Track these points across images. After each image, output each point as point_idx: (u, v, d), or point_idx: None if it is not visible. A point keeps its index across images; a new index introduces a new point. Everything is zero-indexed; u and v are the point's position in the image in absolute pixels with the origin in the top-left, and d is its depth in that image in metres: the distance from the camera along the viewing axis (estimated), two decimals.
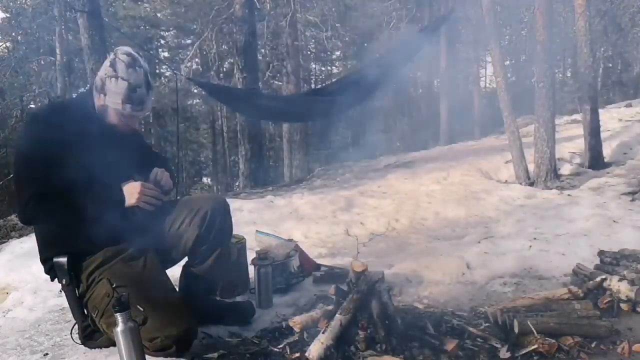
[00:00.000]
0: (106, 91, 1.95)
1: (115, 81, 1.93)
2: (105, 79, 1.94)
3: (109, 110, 1.99)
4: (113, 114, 2.00)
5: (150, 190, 1.96)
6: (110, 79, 1.93)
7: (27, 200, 1.82)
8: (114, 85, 1.93)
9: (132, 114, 2.00)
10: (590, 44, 7.12)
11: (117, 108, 1.96)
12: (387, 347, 1.89)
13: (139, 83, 1.97)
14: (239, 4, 9.91)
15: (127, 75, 1.94)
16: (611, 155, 7.55)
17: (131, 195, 1.92)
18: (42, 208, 1.83)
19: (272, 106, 6.02)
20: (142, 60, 2.01)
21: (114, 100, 1.95)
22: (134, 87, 1.95)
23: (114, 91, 1.94)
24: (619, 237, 3.32)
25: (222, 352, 2.00)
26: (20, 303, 3.01)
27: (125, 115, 2.00)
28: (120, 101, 1.95)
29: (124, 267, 1.98)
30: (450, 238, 4.40)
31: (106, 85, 1.94)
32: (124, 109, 1.96)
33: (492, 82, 24.49)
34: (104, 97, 1.96)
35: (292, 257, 2.86)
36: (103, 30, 7.33)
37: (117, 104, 1.95)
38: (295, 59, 14.01)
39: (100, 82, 1.96)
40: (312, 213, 5.45)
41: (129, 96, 1.95)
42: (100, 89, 1.96)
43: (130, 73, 1.94)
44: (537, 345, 1.89)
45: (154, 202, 1.97)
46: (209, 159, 27.70)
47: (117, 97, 1.94)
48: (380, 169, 9.08)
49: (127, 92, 1.94)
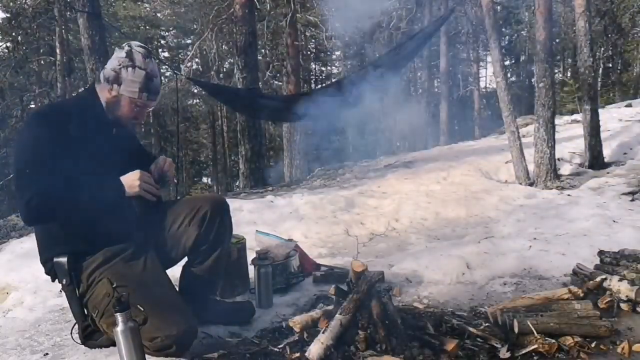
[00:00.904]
0: (122, 80, 1.96)
1: (133, 70, 1.96)
2: (121, 69, 1.96)
3: (121, 101, 2.00)
4: (126, 105, 2.01)
5: (148, 178, 1.97)
6: (127, 68, 1.96)
7: (29, 200, 1.81)
8: (131, 74, 1.96)
9: (146, 103, 2.03)
10: (590, 44, 7.12)
11: (134, 97, 1.98)
12: (387, 347, 1.89)
13: (155, 73, 2.02)
14: (239, 4, 9.91)
15: (144, 64, 1.98)
16: (611, 155, 7.55)
17: (132, 184, 1.93)
18: (44, 207, 1.83)
19: (272, 106, 6.03)
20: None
21: (130, 89, 1.97)
22: (151, 76, 1.99)
23: (131, 79, 1.96)
24: (619, 237, 3.32)
25: (222, 352, 2.00)
26: (20, 303, 3.01)
27: (139, 105, 2.02)
28: (138, 89, 1.97)
29: (124, 267, 1.99)
30: (450, 238, 4.40)
31: (121, 75, 1.96)
32: (141, 97, 1.99)
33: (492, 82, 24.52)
34: (117, 88, 1.97)
35: (292, 257, 2.86)
36: (103, 31, 7.32)
37: (133, 92, 1.97)
38: (295, 59, 14.01)
39: (114, 72, 1.97)
40: (312, 213, 5.45)
41: (147, 84, 1.99)
42: (114, 80, 1.97)
43: (147, 63, 1.99)
44: (537, 345, 1.89)
45: (153, 192, 1.98)
46: (209, 159, 27.72)
47: (135, 86, 1.97)
48: (380, 169, 9.07)
49: (145, 81, 1.98)
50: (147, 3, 21.33)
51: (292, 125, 14.51)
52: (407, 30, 16.51)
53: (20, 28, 14.57)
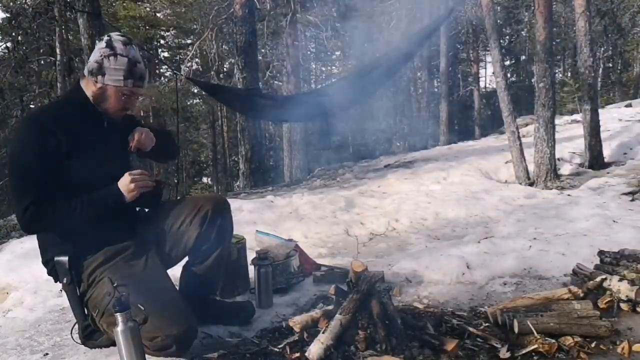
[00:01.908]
0: (105, 70, 1.94)
1: (114, 58, 1.94)
2: (103, 60, 1.94)
3: (107, 92, 1.97)
4: (113, 96, 1.98)
5: (139, 175, 1.97)
6: (109, 57, 1.94)
7: (26, 208, 1.80)
8: (113, 62, 1.94)
9: (132, 90, 2.00)
10: (590, 44, 7.12)
11: (119, 85, 1.96)
12: (387, 347, 1.89)
13: (138, 59, 2.00)
14: (239, 4, 9.91)
15: (125, 51, 1.96)
16: (611, 155, 7.56)
17: (127, 189, 1.93)
18: (42, 215, 1.83)
19: (272, 106, 6.01)
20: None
21: (114, 78, 1.95)
22: (134, 62, 1.97)
23: (114, 67, 1.94)
24: (619, 237, 3.32)
25: (222, 352, 1.99)
26: (20, 303, 3.01)
27: (126, 94, 2.00)
28: (122, 77, 1.95)
29: (124, 267, 1.99)
30: (450, 238, 4.41)
31: (104, 65, 1.94)
32: (126, 84, 1.97)
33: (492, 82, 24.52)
34: (102, 78, 1.95)
35: (292, 257, 2.85)
36: (103, 31, 7.32)
37: (118, 80, 1.95)
38: (295, 59, 14.00)
39: (97, 64, 1.95)
40: (312, 213, 5.45)
41: (131, 70, 1.96)
42: (97, 71, 1.95)
43: (129, 49, 1.97)
44: (537, 345, 1.89)
45: (149, 184, 1.99)
46: (209, 159, 27.71)
47: (119, 74, 1.95)
48: (380, 169, 9.08)
49: (128, 67, 1.95)
50: (147, 3, 21.32)
51: (292, 125, 14.51)
52: (407, 30, 16.51)
53: (20, 28, 14.55)
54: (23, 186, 1.85)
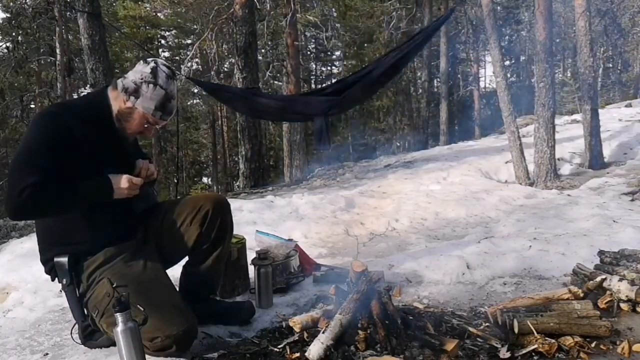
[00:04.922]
0: (140, 94, 1.96)
1: (154, 87, 1.96)
2: (142, 84, 1.96)
3: (134, 114, 1.99)
4: (138, 119, 2.00)
5: (137, 183, 2.00)
6: (148, 84, 1.95)
7: (24, 189, 1.77)
8: (151, 91, 1.95)
9: (158, 122, 2.04)
10: (590, 44, 7.13)
11: (148, 113, 1.98)
12: (387, 347, 1.89)
13: (174, 95, 2.03)
14: (239, 4, 9.91)
15: (166, 84, 1.98)
16: (611, 155, 7.56)
17: (119, 190, 1.95)
18: (37, 198, 1.79)
19: (272, 106, 6.01)
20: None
21: (146, 105, 1.97)
22: (169, 97, 2.00)
23: (149, 97, 1.96)
24: (619, 237, 3.32)
25: (222, 352, 2.00)
26: (20, 303, 3.01)
27: (150, 122, 2.03)
28: (154, 107, 1.97)
29: (124, 267, 1.99)
30: (450, 238, 4.40)
31: (141, 89, 1.95)
32: (154, 115, 1.99)
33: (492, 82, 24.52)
34: (134, 100, 1.96)
35: (292, 257, 2.85)
36: (103, 31, 7.33)
37: (149, 109, 1.97)
38: (295, 59, 13.99)
39: (134, 85, 1.96)
40: (312, 213, 5.45)
41: (164, 104, 1.99)
42: (133, 92, 1.96)
43: (169, 84, 1.99)
44: (537, 345, 1.88)
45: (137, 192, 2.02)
46: (209, 159, 27.73)
47: (151, 103, 1.96)
48: (380, 169, 9.09)
49: (163, 100, 1.98)
50: (147, 3, 21.33)
51: (292, 125, 14.51)
52: (407, 30, 16.53)
53: (20, 28, 14.55)
54: (27, 168, 1.81)
